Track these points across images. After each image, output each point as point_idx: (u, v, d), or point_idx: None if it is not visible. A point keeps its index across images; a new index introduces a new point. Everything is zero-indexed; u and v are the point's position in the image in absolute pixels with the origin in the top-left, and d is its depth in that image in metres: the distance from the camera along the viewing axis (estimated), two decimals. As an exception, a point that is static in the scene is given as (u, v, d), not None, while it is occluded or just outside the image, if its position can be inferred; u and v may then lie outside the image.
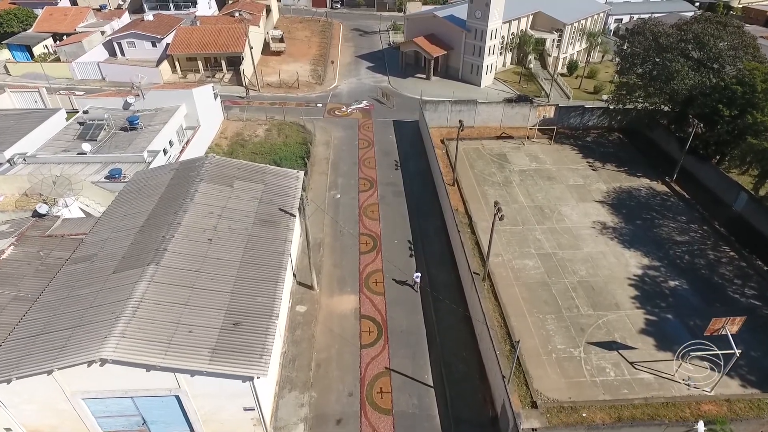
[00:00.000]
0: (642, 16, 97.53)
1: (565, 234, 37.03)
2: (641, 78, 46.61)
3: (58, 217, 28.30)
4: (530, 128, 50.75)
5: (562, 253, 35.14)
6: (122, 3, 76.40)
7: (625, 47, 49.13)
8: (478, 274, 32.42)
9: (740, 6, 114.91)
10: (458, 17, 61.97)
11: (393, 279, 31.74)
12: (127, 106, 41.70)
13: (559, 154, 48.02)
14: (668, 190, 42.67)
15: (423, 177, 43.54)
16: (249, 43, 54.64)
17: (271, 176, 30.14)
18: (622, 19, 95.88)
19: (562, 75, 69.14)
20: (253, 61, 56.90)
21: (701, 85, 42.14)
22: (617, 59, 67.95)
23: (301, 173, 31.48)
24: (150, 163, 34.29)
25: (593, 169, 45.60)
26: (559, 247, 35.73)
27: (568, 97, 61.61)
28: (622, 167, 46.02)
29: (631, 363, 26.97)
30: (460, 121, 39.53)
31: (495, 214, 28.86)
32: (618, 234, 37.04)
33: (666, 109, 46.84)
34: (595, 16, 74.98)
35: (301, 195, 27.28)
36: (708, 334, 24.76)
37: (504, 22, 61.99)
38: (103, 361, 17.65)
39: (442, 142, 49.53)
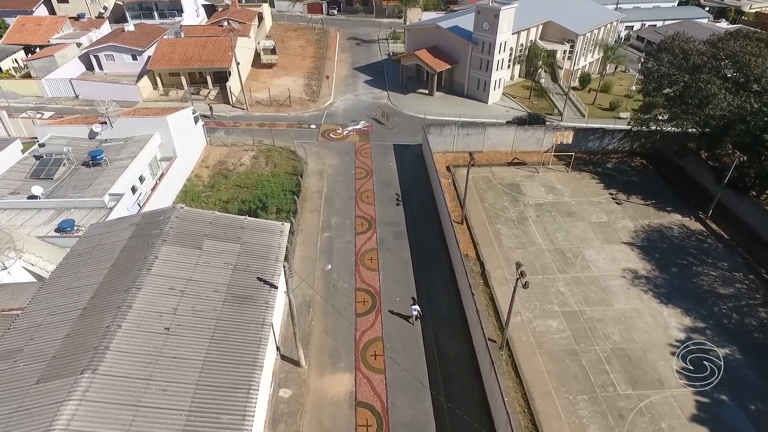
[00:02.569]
0: (654, 22, 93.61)
1: (591, 285, 32.24)
2: (670, 100, 41.86)
3: (-6, 283, 23.51)
4: (545, 153, 46.01)
5: (591, 310, 30.36)
6: (103, 11, 71.48)
7: (650, 65, 44.36)
8: (495, 342, 27.68)
9: (753, 11, 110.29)
10: (463, 28, 57.20)
11: (390, 357, 26.87)
12: (93, 135, 36.86)
13: (578, 184, 43.24)
14: (704, 229, 37.92)
15: (428, 213, 38.71)
16: (236, 59, 49.73)
17: (250, 232, 25.28)
18: (633, 26, 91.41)
19: (574, 89, 64.42)
20: (240, 77, 52.03)
21: (741, 110, 37.40)
22: (638, 75, 63.79)
23: (287, 226, 26.61)
24: (112, 208, 29.43)
25: (617, 203, 40.81)
26: (586, 302, 30.95)
27: (583, 115, 56.86)
28: (649, 200, 41.25)
29: (687, 467, 22.27)
30: (470, 155, 34.71)
31: (517, 279, 24.10)
32: (652, 285, 32.27)
33: (694, 131, 42.01)
34: (608, 25, 70.28)
35: (284, 266, 22.41)
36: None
37: (512, 33, 57.24)
38: None
39: (448, 169, 44.74)
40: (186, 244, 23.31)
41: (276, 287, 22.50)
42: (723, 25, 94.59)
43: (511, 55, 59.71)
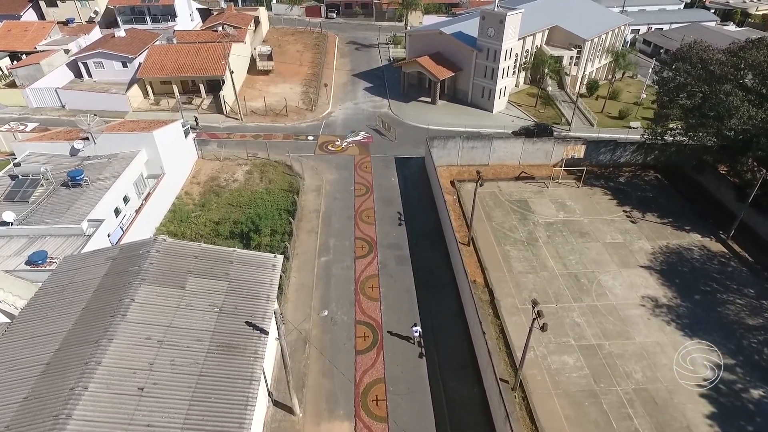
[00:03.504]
0: (660, 26, 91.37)
1: (609, 315, 29.93)
2: (687, 112, 39.57)
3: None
4: (554, 167, 43.71)
5: (609, 345, 28.04)
6: (94, 16, 69.10)
7: (666, 74, 42.05)
8: (507, 383, 25.37)
9: (759, 14, 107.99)
10: (467, 34, 54.91)
11: (394, 402, 24.58)
12: (74, 152, 34.54)
13: (590, 201, 40.94)
14: (725, 251, 35.62)
15: (432, 234, 36.37)
16: (229, 67, 47.40)
17: (239, 267, 22.94)
18: (638, 30, 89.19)
19: (581, 96, 62.19)
20: (234, 86, 49.67)
21: (765, 123, 35.12)
22: (647, 81, 61.57)
23: (279, 259, 24.29)
24: (91, 236, 27.10)
25: (632, 221, 38.50)
26: (604, 335, 28.64)
27: (592, 125, 54.62)
28: (665, 218, 38.95)
29: None
30: (478, 174, 32.38)
31: (534, 319, 21.81)
32: (675, 315, 29.97)
33: (712, 144, 39.67)
34: (616, 30, 68.00)
35: (275, 313, 20.07)
36: None
37: (518, 39, 54.95)
38: None
39: (453, 184, 42.42)
40: (167, 284, 20.98)
41: (266, 333, 20.17)
42: (731, 28, 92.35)
43: (516, 61, 57.43)
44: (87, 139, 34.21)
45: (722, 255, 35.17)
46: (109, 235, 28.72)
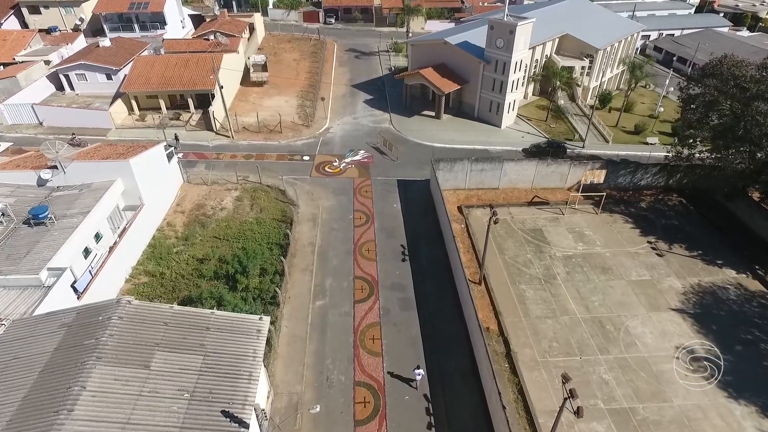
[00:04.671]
0: (671, 31, 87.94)
1: (641, 371, 26.47)
2: (717, 133, 36.16)
3: None
4: (569, 190, 40.28)
5: (643, 408, 24.59)
6: (79, 23, 65.59)
7: (693, 92, 38.63)
8: (530, 460, 21.93)
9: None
10: (474, 44, 51.46)
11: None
12: (42, 182, 31.07)
13: (610, 230, 37.49)
14: (765, 290, 32.16)
15: (439, 271, 32.89)
16: (219, 82, 43.87)
17: (218, 335, 19.47)
18: (649, 36, 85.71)
19: (592, 107, 58.79)
20: (224, 102, 46.14)
21: (807, 149, 31.75)
22: (663, 93, 58.23)
23: (266, 322, 20.80)
24: (51, 287, 23.62)
25: (658, 254, 35.04)
26: (636, 396, 25.17)
27: (607, 141, 51.20)
28: (694, 250, 35.49)
29: None
30: (491, 210, 28.89)
31: (565, 399, 18.38)
32: (715, 371, 26.50)
33: (743, 167, 36.26)
34: (629, 38, 64.58)
35: (255, 410, 16.60)
36: None
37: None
38: None
39: (460, 210, 38.99)
40: (128, 363, 17.50)
41: (247, 426, 16.68)
42: (745, 34, 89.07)
43: (526, 73, 53.98)
44: (56, 167, 30.74)
45: (761, 296, 31.68)
46: (75, 283, 25.27)
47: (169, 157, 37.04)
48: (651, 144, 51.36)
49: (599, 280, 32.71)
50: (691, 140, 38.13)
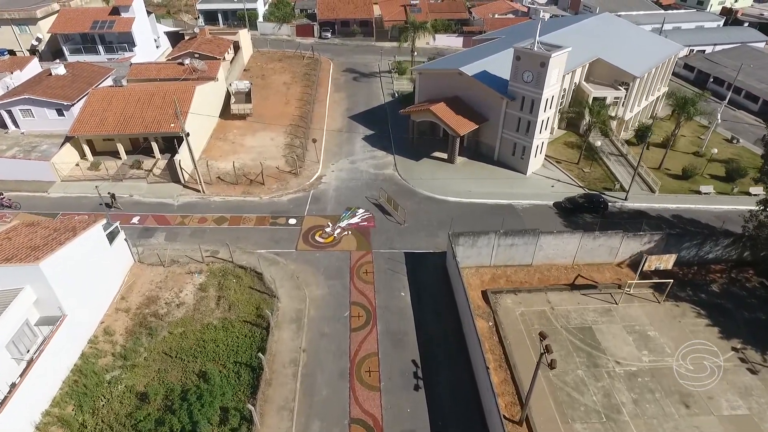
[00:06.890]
0: (702, 47, 79.79)
1: None
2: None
3: None
4: (621, 267, 31.98)
5: None
6: (36, 44, 57.08)
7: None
8: None
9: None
10: (494, 75, 43.09)
11: None
12: None
13: (680, 328, 29.17)
14: None
15: (465, 403, 24.48)
16: (183, 130, 35.26)
17: None
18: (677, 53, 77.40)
19: (627, 142, 50.53)
20: (191, 154, 37.45)
21: None
22: (711, 125, 49.86)
23: None
24: None
25: (751, 370, 26.72)
26: None
27: (653, 190, 42.86)
28: (796, 361, 27.23)
29: None
30: (542, 340, 20.39)
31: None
32: None
33: None
34: (666, 61, 56.21)
35: None
36: None
37: (559, 82, 43.13)
38: None
39: (485, 298, 30.69)
40: None
41: None
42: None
43: (556, 109, 45.59)
44: (-59, 273, 22.35)
45: None
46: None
47: (112, 237, 28.61)
48: (705, 194, 43.08)
49: (679, 415, 24.40)
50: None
